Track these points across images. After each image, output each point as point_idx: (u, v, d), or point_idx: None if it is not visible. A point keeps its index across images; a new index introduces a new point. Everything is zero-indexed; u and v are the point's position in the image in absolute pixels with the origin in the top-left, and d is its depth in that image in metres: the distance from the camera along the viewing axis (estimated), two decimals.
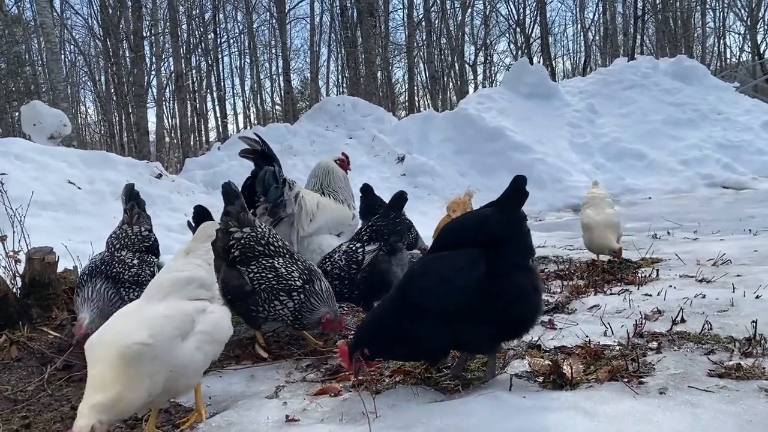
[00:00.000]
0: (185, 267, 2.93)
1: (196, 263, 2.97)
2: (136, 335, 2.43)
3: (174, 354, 2.53)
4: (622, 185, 13.66)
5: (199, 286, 2.89)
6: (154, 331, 2.49)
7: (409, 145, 14.64)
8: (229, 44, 39.45)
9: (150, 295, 2.78)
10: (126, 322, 2.58)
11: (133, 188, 4.43)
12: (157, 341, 2.46)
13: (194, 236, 3.15)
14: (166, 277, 2.87)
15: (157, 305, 2.69)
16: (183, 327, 2.63)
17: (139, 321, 2.56)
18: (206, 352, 2.72)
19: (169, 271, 2.93)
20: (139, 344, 2.39)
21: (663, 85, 17.37)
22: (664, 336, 3.50)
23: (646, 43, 36.42)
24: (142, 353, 2.39)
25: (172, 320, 2.61)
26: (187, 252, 3.03)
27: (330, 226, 4.96)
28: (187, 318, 2.68)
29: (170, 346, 2.52)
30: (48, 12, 17.28)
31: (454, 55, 39.09)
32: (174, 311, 2.66)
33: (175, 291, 2.78)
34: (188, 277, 2.86)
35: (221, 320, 2.89)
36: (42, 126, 11.48)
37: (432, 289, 2.96)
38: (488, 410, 2.55)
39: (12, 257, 4.36)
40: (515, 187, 3.00)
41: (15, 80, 31.62)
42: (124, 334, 2.44)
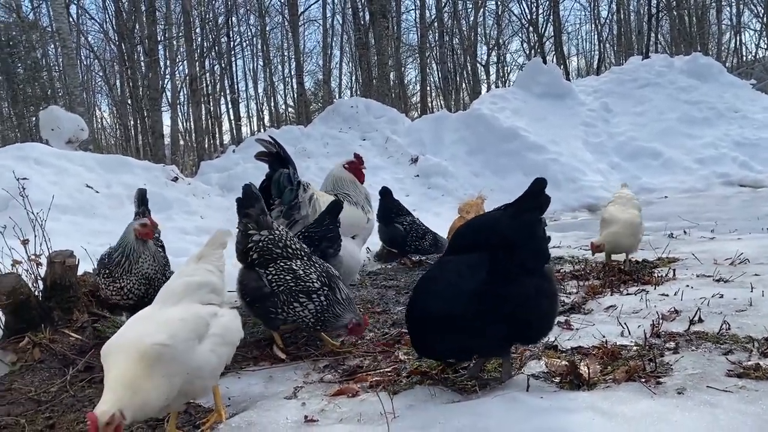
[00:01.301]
0: (196, 272, 2.96)
1: (207, 268, 2.99)
2: (155, 337, 2.47)
3: (191, 356, 2.56)
4: (637, 184, 13.54)
5: (211, 291, 2.92)
6: (172, 333, 2.53)
7: (422, 146, 14.64)
8: (242, 47, 39.67)
9: (163, 300, 2.81)
10: (143, 325, 2.61)
11: (145, 193, 4.53)
12: (176, 343, 2.50)
13: (207, 242, 3.17)
14: (179, 282, 2.90)
15: (172, 309, 2.72)
16: (198, 330, 2.67)
17: (156, 324, 2.59)
18: (220, 355, 2.75)
19: (180, 276, 2.96)
20: (159, 345, 2.43)
21: (678, 83, 17.21)
22: (682, 336, 3.50)
23: (661, 41, 36.14)
24: (162, 354, 2.43)
25: (188, 323, 2.64)
26: (198, 257, 3.06)
27: (344, 229, 4.98)
28: (202, 321, 2.72)
29: (187, 348, 2.55)
30: (64, 18, 17.48)
31: (467, 56, 39.02)
32: (189, 314, 2.70)
33: (188, 295, 2.82)
34: (200, 282, 2.90)
35: (232, 323, 2.92)
36: (60, 131, 11.63)
37: (433, 293, 2.99)
38: (506, 411, 2.57)
39: (34, 261, 4.42)
40: (532, 190, 2.98)
41: (32, 85, 32.02)
42: (143, 336, 2.47)
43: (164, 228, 7.75)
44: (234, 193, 10.92)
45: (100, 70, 37.96)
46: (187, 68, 27.22)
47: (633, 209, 5.74)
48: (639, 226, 5.63)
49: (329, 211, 4.53)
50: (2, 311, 4.14)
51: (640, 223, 5.66)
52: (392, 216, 7.02)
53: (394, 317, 4.67)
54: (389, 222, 6.98)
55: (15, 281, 4.13)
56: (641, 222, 5.71)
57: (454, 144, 14.57)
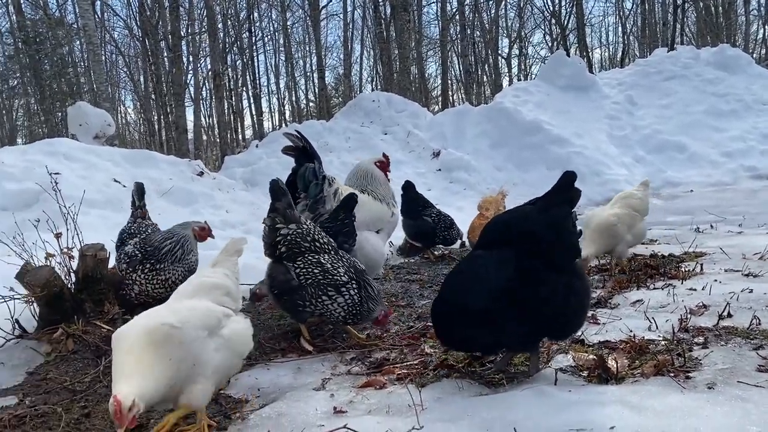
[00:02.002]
0: (212, 274, 3.00)
1: (223, 272, 3.02)
2: (164, 318, 2.53)
3: (199, 346, 2.56)
4: (662, 178, 13.41)
5: (225, 294, 2.93)
6: (182, 318, 2.56)
7: (444, 140, 14.61)
8: (264, 42, 39.86)
9: (178, 297, 2.87)
10: (153, 313, 2.65)
11: (143, 187, 4.79)
12: (185, 327, 2.52)
13: (222, 249, 3.21)
14: (194, 282, 2.96)
15: (184, 301, 2.79)
16: (209, 322, 2.67)
17: (167, 310, 2.67)
18: (225, 359, 2.71)
19: (196, 277, 3.03)
20: (167, 325, 2.47)
21: (705, 75, 16.95)
22: (711, 331, 3.47)
23: (687, 32, 35.56)
24: (171, 335, 2.46)
25: (198, 312, 2.68)
26: (213, 264, 3.10)
27: (368, 223, 5.01)
28: (213, 315, 2.73)
29: (196, 336, 2.56)
30: (90, 15, 17.73)
31: (488, 49, 38.78)
32: (200, 305, 2.74)
33: (202, 292, 2.86)
34: (215, 282, 2.93)
35: (244, 332, 2.89)
36: (87, 126, 11.82)
37: (461, 287, 3.00)
38: (534, 404, 2.58)
39: (66, 254, 4.52)
40: (561, 184, 2.96)
41: (59, 82, 32.51)
42: (152, 319, 2.53)
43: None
44: (258, 187, 11.03)
45: (124, 66, 38.44)
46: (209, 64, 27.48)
47: (620, 208, 5.24)
48: (613, 226, 5.08)
49: (344, 205, 4.55)
50: (37, 303, 4.24)
51: (613, 223, 5.08)
52: (419, 209, 7.05)
53: (418, 311, 4.69)
54: (416, 215, 7.01)
55: (49, 274, 4.22)
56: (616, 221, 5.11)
57: (476, 138, 14.52)
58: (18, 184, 7.38)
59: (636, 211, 5.32)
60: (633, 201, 5.37)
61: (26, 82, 34.41)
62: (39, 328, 4.24)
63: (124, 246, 4.42)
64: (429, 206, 7.17)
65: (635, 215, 5.30)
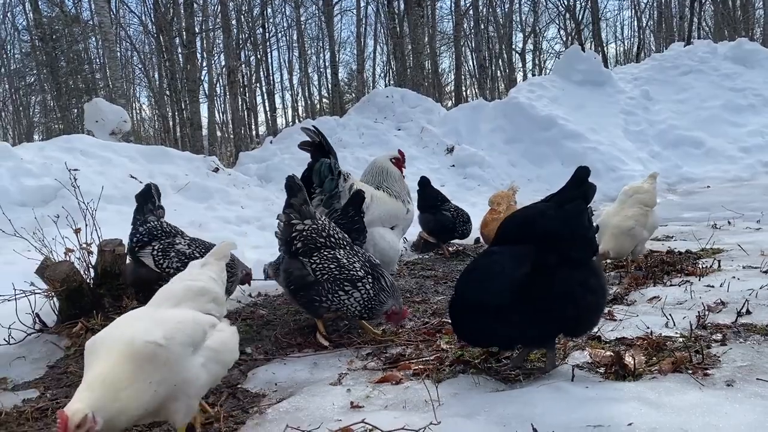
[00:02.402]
0: (199, 277, 2.74)
1: (211, 275, 2.78)
2: (149, 334, 2.25)
3: (183, 365, 2.31)
4: (678, 174, 13.30)
5: (212, 300, 2.69)
6: (168, 333, 2.30)
7: (458, 136, 14.57)
8: (277, 38, 39.92)
9: (159, 302, 2.60)
10: (136, 322, 2.39)
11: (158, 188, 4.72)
12: (171, 345, 2.27)
13: (212, 251, 2.97)
14: (179, 285, 2.68)
15: (169, 310, 2.52)
16: (195, 337, 2.43)
17: (151, 322, 2.37)
18: (210, 373, 2.48)
19: (181, 280, 2.73)
20: (153, 343, 2.21)
21: (722, 70, 16.78)
22: (729, 328, 3.45)
23: (704, 26, 35.16)
24: (156, 355, 2.21)
25: (185, 327, 2.41)
26: (201, 266, 2.85)
27: (383, 219, 5.02)
28: (200, 329, 2.48)
29: (182, 355, 2.31)
30: (106, 11, 17.84)
31: (502, 43, 38.59)
32: (187, 318, 2.47)
33: (188, 300, 2.60)
34: (202, 288, 2.68)
35: (230, 341, 2.66)
36: (104, 122, 11.93)
37: (478, 283, 3.00)
38: (551, 400, 2.58)
39: (85, 249, 4.57)
40: (575, 179, 2.95)
41: (75, 78, 32.80)
42: (135, 333, 2.26)
43: (206, 218, 7.92)
44: (272, 183, 11.07)
45: (139, 63, 38.68)
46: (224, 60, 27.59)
47: (632, 208, 5.11)
48: (631, 229, 4.99)
49: (352, 201, 4.56)
50: (57, 298, 4.30)
51: (630, 227, 5.00)
52: (438, 204, 7.11)
53: (433, 307, 4.70)
54: (436, 210, 7.05)
55: (68, 269, 4.28)
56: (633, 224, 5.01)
57: (490, 133, 14.48)
58: (36, 180, 7.47)
59: (646, 206, 5.21)
60: (642, 196, 5.23)
61: (43, 78, 34.75)
62: (59, 322, 4.30)
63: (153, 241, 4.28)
64: (446, 201, 7.22)
65: (647, 210, 5.20)
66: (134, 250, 4.32)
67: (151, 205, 4.47)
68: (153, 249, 4.23)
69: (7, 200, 6.50)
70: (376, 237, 4.88)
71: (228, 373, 3.44)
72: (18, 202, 6.99)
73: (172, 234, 4.35)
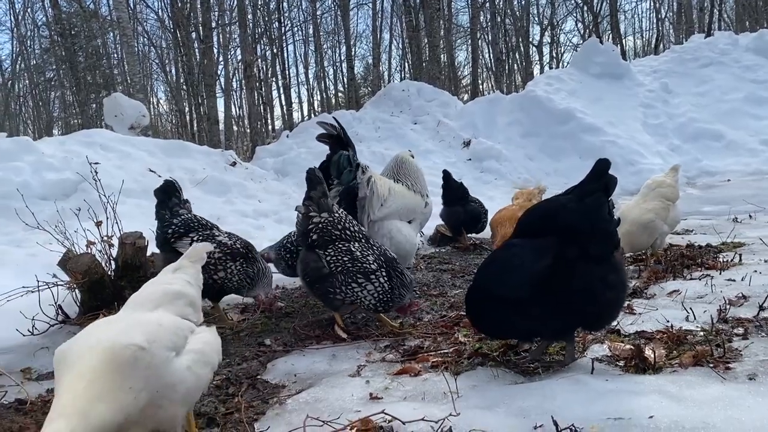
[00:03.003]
0: (174, 281, 2.60)
1: (186, 279, 2.64)
2: (130, 337, 2.07)
3: (166, 369, 2.14)
4: (698, 167, 13.16)
5: (189, 304, 2.55)
6: (150, 336, 2.12)
7: (474, 129, 14.53)
8: (293, 32, 39.99)
9: (134, 307, 2.42)
10: (112, 326, 2.20)
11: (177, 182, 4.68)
12: (153, 348, 2.09)
13: (185, 254, 2.82)
14: (155, 289, 2.53)
15: (147, 314, 2.36)
16: (177, 341, 2.26)
17: (129, 325, 2.19)
18: (198, 376, 2.32)
19: (155, 284, 2.59)
20: (135, 346, 2.03)
21: (743, 62, 16.55)
22: (751, 322, 3.41)
23: (725, 17, 34.66)
24: (137, 359, 2.01)
25: (167, 330, 2.25)
26: (175, 269, 2.70)
27: (401, 213, 5.01)
28: (181, 332, 2.33)
29: (164, 359, 2.14)
30: (124, 7, 17.99)
31: (519, 36, 38.33)
32: (168, 321, 2.32)
33: (165, 303, 2.45)
34: (178, 291, 2.53)
35: (214, 342, 2.53)
36: (123, 117, 12.05)
37: (497, 275, 3.00)
38: (571, 392, 2.57)
39: (106, 242, 4.63)
40: (595, 172, 2.92)
41: (93, 73, 33.12)
42: (114, 336, 2.07)
43: (224, 211, 7.98)
44: (289, 177, 11.13)
45: (156, 58, 38.95)
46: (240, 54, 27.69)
47: (653, 201, 5.08)
48: (651, 222, 4.98)
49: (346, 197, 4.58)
50: (79, 289, 4.37)
51: (651, 219, 4.99)
52: (466, 197, 7.17)
53: (451, 300, 4.70)
54: (465, 202, 7.09)
55: (90, 261, 4.34)
56: (654, 217, 5.01)
57: (507, 127, 14.42)
58: (57, 173, 7.57)
59: (668, 200, 5.17)
60: (664, 190, 5.19)
61: (62, 74, 35.12)
62: (81, 313, 4.37)
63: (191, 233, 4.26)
64: (469, 193, 7.29)
65: (668, 205, 5.15)
66: (170, 241, 4.26)
67: (176, 199, 4.47)
68: (192, 240, 4.18)
69: (29, 194, 6.60)
70: (392, 230, 4.88)
71: (247, 365, 3.49)
72: (40, 196, 7.10)
73: (209, 227, 4.34)
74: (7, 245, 5.80)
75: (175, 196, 4.47)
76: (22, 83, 40.62)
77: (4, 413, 2.98)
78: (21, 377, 3.48)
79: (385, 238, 4.78)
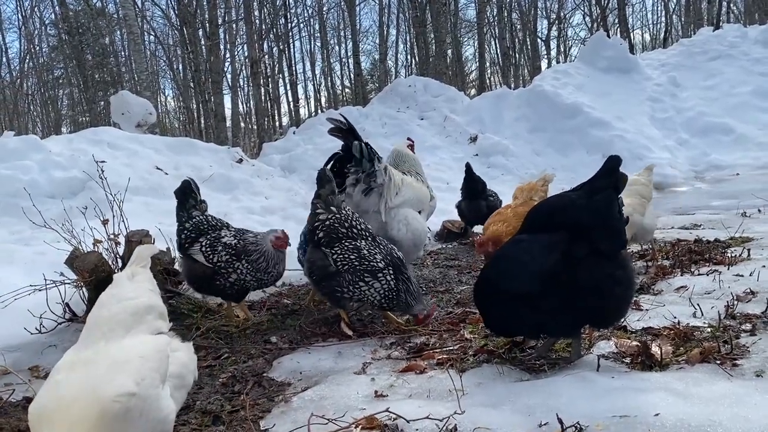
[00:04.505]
0: (138, 292, 2.34)
1: (148, 287, 2.41)
2: (118, 385, 1.84)
3: (158, 406, 1.98)
4: (707, 161, 13.09)
5: (159, 317, 2.35)
6: (136, 376, 1.91)
7: (481, 125, 14.49)
8: (300, 29, 39.97)
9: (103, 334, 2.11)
10: (91, 370, 1.93)
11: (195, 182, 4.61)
12: (142, 389, 1.90)
13: (132, 259, 2.58)
14: (121, 307, 2.23)
15: (122, 343, 2.09)
16: (162, 369, 2.08)
17: (110, 365, 1.94)
18: (178, 401, 2.18)
19: (118, 300, 2.28)
20: (126, 395, 1.82)
21: (752, 55, 16.41)
22: (759, 318, 3.39)
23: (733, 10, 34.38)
24: (130, 409, 1.81)
25: (150, 361, 2.04)
26: (130, 276, 2.45)
27: (412, 202, 4.99)
28: (164, 357, 2.14)
29: (156, 397, 1.97)
30: (130, 5, 18.04)
31: (526, 31, 38.16)
32: (149, 349, 2.10)
33: (137, 323, 2.21)
34: (148, 305, 2.30)
35: (191, 360, 2.39)
36: (129, 115, 12.09)
37: (507, 271, 2.99)
38: (577, 390, 2.56)
39: (113, 240, 4.64)
40: (606, 168, 2.89)
41: (100, 71, 33.25)
42: (98, 388, 1.82)
43: (231, 208, 7.99)
44: (295, 174, 11.13)
45: (163, 55, 39.03)
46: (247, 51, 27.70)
47: (631, 197, 4.86)
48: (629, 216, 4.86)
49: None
50: (86, 287, 4.38)
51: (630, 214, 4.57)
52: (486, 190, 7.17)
53: (457, 296, 4.69)
54: (486, 197, 7.08)
55: (97, 259, 4.36)
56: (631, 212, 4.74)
57: (514, 122, 14.37)
58: (65, 172, 7.60)
59: (643, 197, 5.03)
60: (639, 188, 5.06)
61: (70, 72, 35.28)
62: (88, 311, 4.36)
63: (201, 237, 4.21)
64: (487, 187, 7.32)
65: (644, 202, 5.01)
66: (184, 246, 4.23)
67: (193, 200, 4.44)
68: (201, 245, 4.16)
69: (37, 192, 6.62)
70: (409, 217, 4.84)
71: (253, 362, 3.50)
72: (47, 194, 7.13)
73: (218, 227, 4.30)
74: (15, 243, 5.83)
75: (192, 196, 4.44)
76: (30, 81, 40.85)
77: (12, 411, 3.00)
78: (29, 375, 3.51)
79: (402, 223, 4.74)
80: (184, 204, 4.38)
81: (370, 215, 4.75)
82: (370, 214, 4.75)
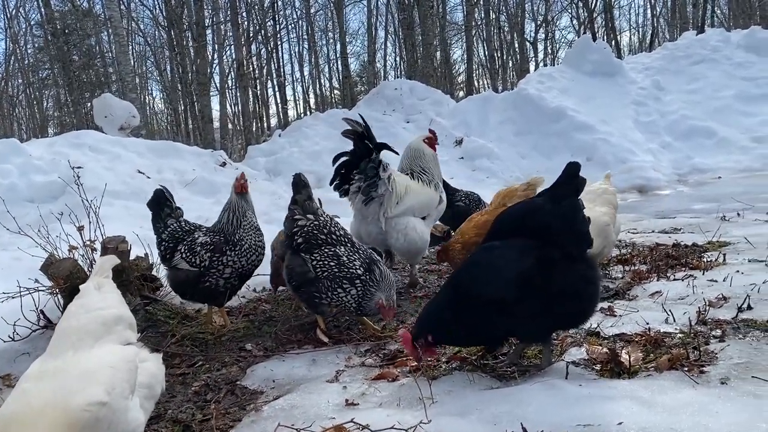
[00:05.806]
0: (108, 302, 2.34)
1: (117, 298, 2.42)
2: (87, 395, 1.83)
3: (125, 418, 1.96)
4: (690, 164, 13.19)
5: (129, 327, 2.35)
6: (107, 386, 1.90)
7: (467, 128, 14.53)
8: (288, 30, 39.92)
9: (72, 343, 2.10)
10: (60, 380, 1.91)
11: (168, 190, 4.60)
12: (113, 399, 1.89)
13: (95, 270, 2.62)
14: (91, 317, 2.22)
15: (91, 352, 2.08)
16: (131, 380, 2.07)
17: (79, 375, 1.93)
18: (146, 412, 2.17)
19: (86, 310, 2.26)
20: (96, 405, 1.81)
21: (735, 59, 16.57)
22: (729, 324, 3.42)
23: (718, 13, 34.69)
24: (99, 419, 1.80)
25: (120, 372, 2.03)
26: (97, 287, 2.45)
27: (415, 210, 5.00)
28: (133, 367, 2.13)
29: (124, 408, 1.96)
30: (116, 6, 17.93)
31: (514, 33, 38.31)
32: (118, 359, 2.08)
33: (106, 333, 2.19)
34: (117, 316, 2.30)
35: (158, 372, 2.36)
36: (113, 118, 12.02)
37: (480, 277, 3.00)
38: (544, 398, 2.57)
39: (89, 246, 4.61)
40: (566, 174, 2.97)
41: (87, 72, 33.03)
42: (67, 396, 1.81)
43: (213, 212, 7.96)
44: (280, 177, 11.11)
45: (150, 56, 38.84)
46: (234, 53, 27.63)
47: (604, 206, 4.75)
48: (606, 226, 4.60)
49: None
50: (61, 294, 4.35)
51: (607, 223, 4.61)
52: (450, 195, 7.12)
53: None
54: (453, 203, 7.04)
55: (72, 266, 4.32)
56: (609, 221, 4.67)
57: (500, 125, 14.43)
58: (45, 176, 7.55)
59: (613, 207, 4.88)
60: (609, 197, 4.89)
61: (56, 73, 35.02)
62: None
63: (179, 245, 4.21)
64: (456, 190, 7.21)
65: (614, 212, 4.86)
66: (167, 258, 4.22)
67: (168, 208, 4.43)
68: (181, 253, 4.17)
69: (16, 196, 6.59)
70: (407, 227, 4.86)
71: (227, 370, 3.49)
72: (27, 198, 7.08)
73: (192, 231, 4.32)
74: None
75: (167, 205, 4.42)
76: (16, 82, 40.52)
77: None
78: (1, 384, 3.48)
79: (400, 233, 4.81)
80: (159, 214, 4.36)
81: (370, 222, 4.79)
82: (371, 222, 4.78)
